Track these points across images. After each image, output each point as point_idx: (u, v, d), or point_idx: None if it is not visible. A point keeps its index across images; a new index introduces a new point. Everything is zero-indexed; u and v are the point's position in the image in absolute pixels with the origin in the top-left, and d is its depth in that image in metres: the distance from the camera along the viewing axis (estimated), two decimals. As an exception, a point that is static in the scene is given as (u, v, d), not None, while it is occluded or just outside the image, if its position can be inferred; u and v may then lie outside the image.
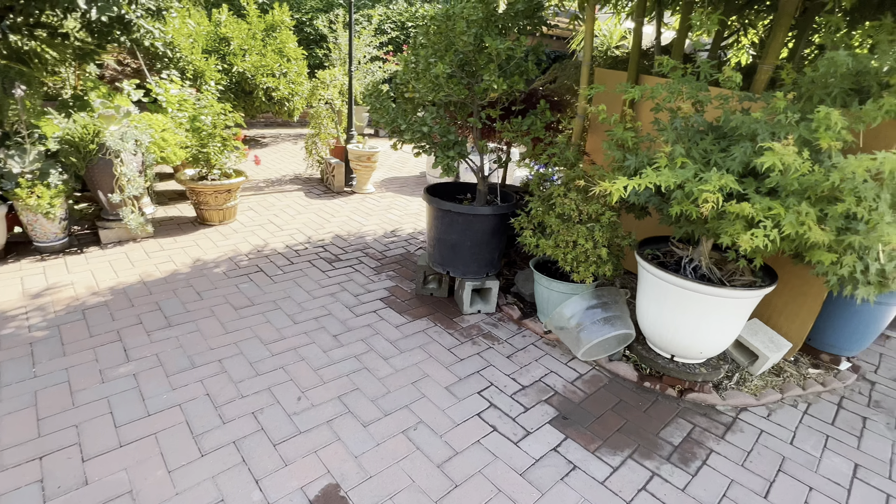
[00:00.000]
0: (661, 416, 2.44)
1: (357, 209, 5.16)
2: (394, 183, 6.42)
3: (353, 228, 4.58)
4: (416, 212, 5.25)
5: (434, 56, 2.51)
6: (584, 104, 3.18)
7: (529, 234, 2.84)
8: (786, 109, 1.81)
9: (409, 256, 4.06)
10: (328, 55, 9.18)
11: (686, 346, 2.50)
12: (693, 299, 2.34)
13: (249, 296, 3.20)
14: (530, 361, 2.78)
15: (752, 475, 2.12)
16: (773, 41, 2.69)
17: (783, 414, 2.54)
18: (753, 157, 1.93)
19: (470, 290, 3.13)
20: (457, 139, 2.72)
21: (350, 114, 5.70)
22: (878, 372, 3.02)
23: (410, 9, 10.78)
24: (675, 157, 2.04)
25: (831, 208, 1.73)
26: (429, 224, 3.18)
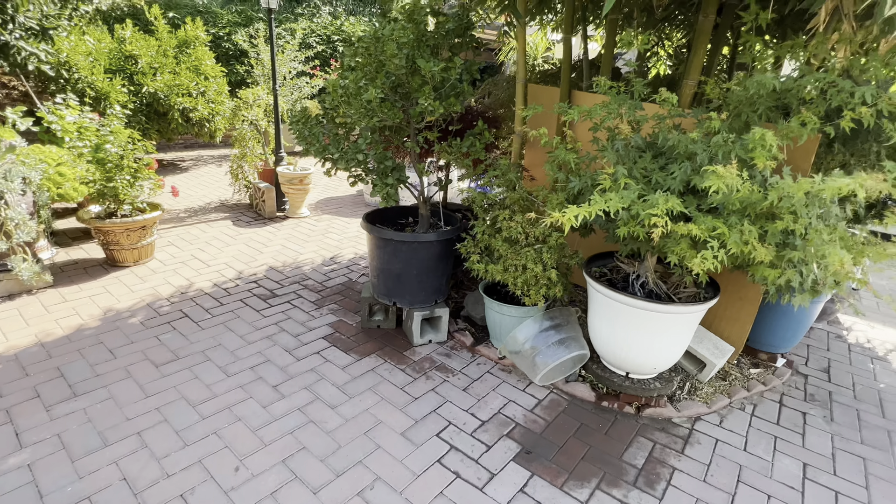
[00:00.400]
0: (621, 436, 2.41)
1: (292, 236, 4.86)
2: (330, 204, 6.15)
3: (288, 258, 4.29)
4: (356, 234, 5.03)
5: (365, 79, 2.35)
6: (521, 127, 3.15)
7: (476, 260, 2.74)
8: (721, 129, 1.84)
9: (351, 285, 3.84)
10: (250, 71, 8.70)
11: (640, 362, 2.50)
12: (645, 317, 2.34)
13: (173, 348, 2.85)
14: (488, 392, 2.67)
15: (715, 490, 2.12)
16: (694, 58, 2.79)
17: (733, 419, 2.60)
18: (693, 175, 1.94)
19: (419, 321, 2.98)
20: (395, 164, 2.57)
21: (278, 134, 5.38)
22: (809, 364, 3.20)
23: (336, 22, 10.53)
24: (618, 178, 2.01)
25: (770, 226, 1.77)
26: (370, 254, 3.00)
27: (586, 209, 1.73)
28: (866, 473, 2.29)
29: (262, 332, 3.07)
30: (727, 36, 3.37)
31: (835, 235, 1.70)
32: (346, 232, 5.09)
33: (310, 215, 5.57)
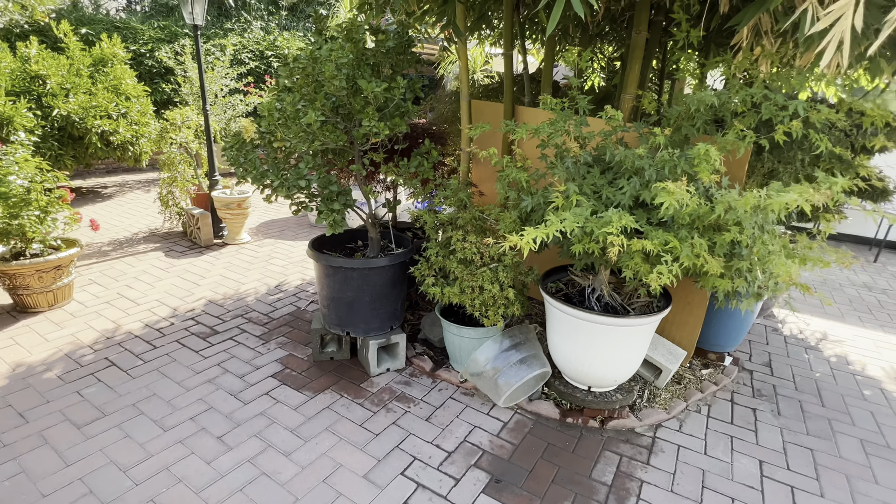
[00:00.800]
0: (588, 453, 2.39)
1: (232, 264, 4.56)
2: (272, 227, 5.86)
3: (229, 289, 4.00)
4: (303, 259, 4.80)
5: (303, 101, 2.22)
6: (470, 147, 3.11)
7: (431, 283, 2.65)
8: (666, 144, 1.87)
9: (300, 315, 3.63)
10: (178, 90, 8.22)
11: (601, 375, 2.50)
12: (604, 332, 2.34)
13: (98, 403, 2.55)
14: (451, 419, 2.57)
15: (682, 499, 2.14)
16: (630, 72, 2.87)
17: (692, 423, 2.65)
18: (642, 190, 1.96)
19: (375, 350, 2.84)
20: (340, 189, 2.44)
21: (210, 157, 5.06)
22: (752, 360, 3.35)
23: (268, 37, 10.19)
24: (569, 195, 2.00)
25: (718, 237, 1.81)
26: (319, 282, 2.83)
27: (543, 230, 1.70)
28: (815, 465, 2.39)
29: (202, 376, 2.81)
30: (656, 50, 3.53)
31: (777, 244, 1.76)
32: (292, 256, 4.85)
33: (251, 241, 5.26)
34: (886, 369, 3.33)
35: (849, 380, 3.18)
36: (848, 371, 3.29)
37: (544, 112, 3.08)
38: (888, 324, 4.07)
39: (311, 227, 5.88)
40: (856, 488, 2.26)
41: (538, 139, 2.30)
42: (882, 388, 3.11)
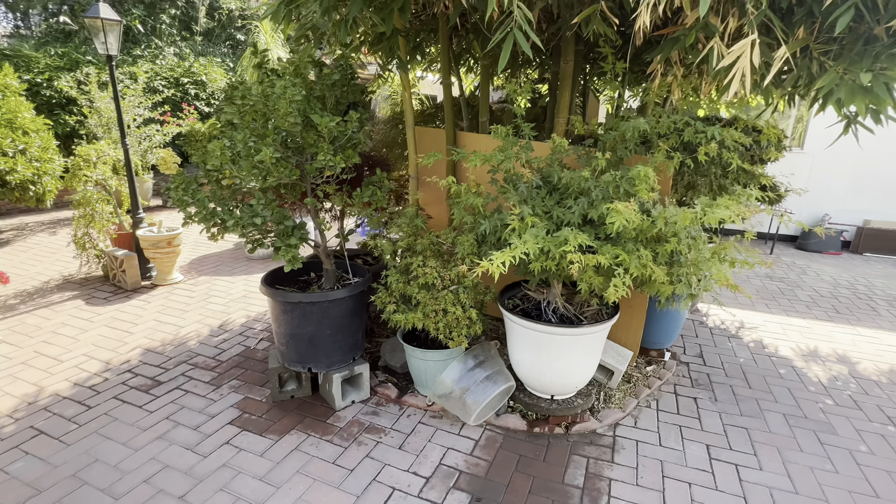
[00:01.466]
0: (558, 459, 2.51)
1: (166, 307, 4.25)
2: (206, 262, 5.54)
3: (167, 334, 3.73)
4: (244, 294, 4.59)
5: (253, 137, 2.18)
6: (427, 178, 3.20)
7: (393, 310, 2.67)
8: (608, 167, 2.06)
9: (250, 354, 3.47)
10: (83, 121, 7.59)
11: (564, 383, 2.64)
12: (563, 342, 2.48)
13: (30, 479, 2.27)
14: (424, 444, 2.58)
15: (648, 490, 2.31)
16: (561, 98, 3.12)
17: (645, 418, 2.87)
18: (589, 209, 2.14)
19: (339, 383, 2.80)
20: (295, 223, 2.41)
21: (133, 193, 4.72)
22: (686, 352, 3.69)
23: (183, 64, 9.72)
24: (524, 217, 2.14)
25: (660, 248, 2.01)
26: (276, 319, 2.75)
27: (510, 253, 1.80)
28: (752, 442, 2.68)
29: (151, 433, 2.60)
30: (579, 78, 3.85)
31: (708, 250, 2.00)
32: (231, 293, 4.62)
33: (183, 279, 4.94)
34: (794, 349, 3.81)
35: (766, 362, 3.59)
36: (764, 354, 3.72)
37: (485, 137, 3.25)
38: (790, 308, 4.64)
39: (248, 261, 5.64)
40: (786, 458, 2.56)
41: (488, 165, 2.43)
42: (793, 366, 3.55)
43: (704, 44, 2.10)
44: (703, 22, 1.96)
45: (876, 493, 2.34)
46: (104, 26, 4.21)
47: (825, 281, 5.48)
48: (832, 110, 2.25)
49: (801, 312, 4.56)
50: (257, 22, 11.18)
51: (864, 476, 2.44)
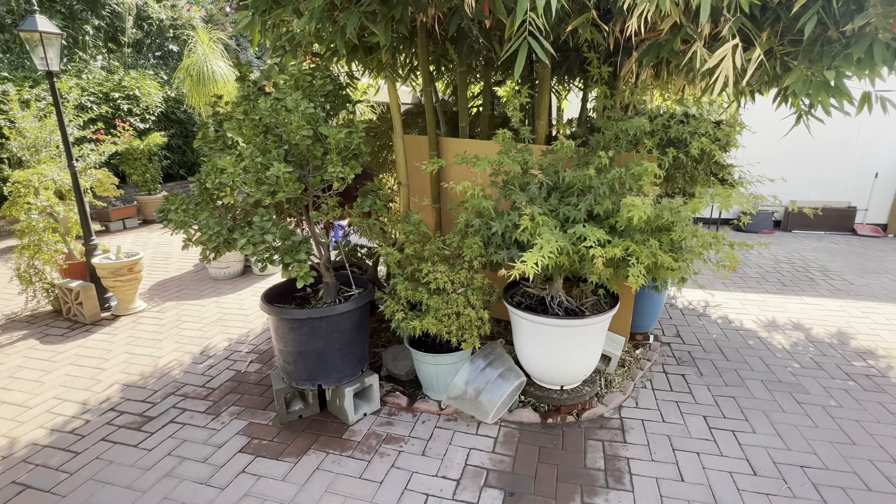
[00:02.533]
0: (575, 446, 2.61)
1: (136, 338, 3.97)
2: (168, 287, 5.21)
3: (145, 367, 3.49)
4: (219, 317, 4.37)
5: (259, 153, 2.11)
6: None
7: (402, 317, 2.68)
8: (611, 165, 2.20)
9: (242, 378, 3.32)
10: (4, 144, 6.90)
11: (573, 373, 2.76)
12: (572, 333, 2.60)
13: (27, 538, 2.06)
14: (446, 448, 2.60)
15: (664, 465, 2.46)
16: (541, 101, 3.26)
17: (644, 398, 3.05)
18: (595, 205, 2.27)
19: (352, 397, 2.75)
20: (301, 238, 2.36)
21: (85, 219, 4.37)
22: (665, 334, 3.95)
23: (112, 77, 9.07)
24: (534, 217, 2.23)
25: (664, 237, 2.17)
26: (281, 339, 2.66)
27: (538, 253, 1.88)
28: (741, 409, 2.93)
29: (156, 472, 2.44)
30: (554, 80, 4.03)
31: (708, 236, 2.19)
32: (205, 317, 4.39)
33: (147, 307, 4.63)
34: (755, 321, 4.18)
35: (735, 335, 3.92)
36: (732, 328, 4.05)
37: (468, 141, 3.33)
38: (744, 285, 5.08)
39: (214, 282, 5.37)
40: (773, 420, 2.81)
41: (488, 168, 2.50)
42: (758, 336, 3.89)
43: (684, 49, 2.29)
44: (684, 29, 2.14)
45: (852, 440, 2.63)
46: (43, 40, 3.88)
47: (767, 258, 6.04)
48: (768, 105, 2.52)
49: (754, 288, 5.00)
50: (190, 31, 10.66)
51: (840, 427, 2.74)
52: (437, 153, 3.50)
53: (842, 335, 3.90)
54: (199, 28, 9.48)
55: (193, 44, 9.58)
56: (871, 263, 5.78)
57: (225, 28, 11.09)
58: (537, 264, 1.85)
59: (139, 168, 8.55)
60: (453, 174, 3.49)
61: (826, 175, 7.32)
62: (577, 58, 3.32)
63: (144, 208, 8.72)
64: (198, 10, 10.57)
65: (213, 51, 9.59)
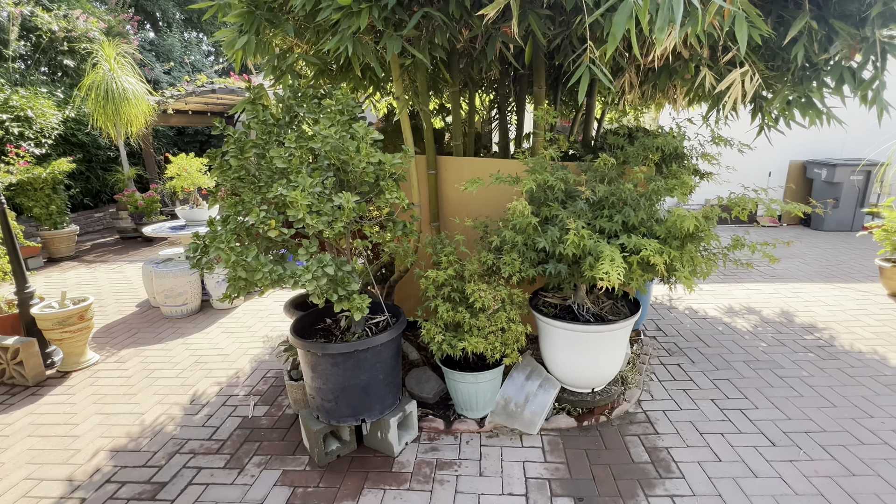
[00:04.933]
0: (616, 444, 2.76)
1: (102, 395, 3.47)
2: (116, 332, 4.60)
3: (130, 427, 3.06)
4: (195, 360, 3.96)
5: (319, 183, 1.99)
6: (419, 203, 3.19)
7: (441, 339, 2.65)
8: (647, 178, 2.39)
9: (253, 423, 3.05)
10: None
11: (605, 376, 2.92)
12: (605, 338, 2.76)
13: None
14: (500, 465, 2.61)
15: (699, 449, 2.69)
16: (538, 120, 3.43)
17: (655, 390, 3.30)
18: (632, 217, 2.45)
19: (396, 427, 2.66)
20: (353, 267, 2.26)
21: (17, 262, 3.73)
22: (648, 328, 4.29)
23: (-2, 96, 7.84)
24: (579, 231, 2.36)
25: (693, 243, 2.41)
26: (320, 376, 2.50)
27: (612, 265, 1.99)
28: (739, 389, 3.28)
29: (198, 543, 2.16)
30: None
31: (732, 240, 2.46)
32: (178, 363, 3.95)
33: (101, 359, 4.06)
34: (716, 309, 4.69)
35: (705, 323, 4.37)
36: (699, 318, 4.51)
37: (467, 160, 3.41)
38: (692, 277, 5.66)
39: (170, 322, 4.85)
40: (767, 395, 3.19)
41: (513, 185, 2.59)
42: (724, 322, 4.38)
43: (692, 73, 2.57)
44: (699, 58, 2.41)
45: (832, 403, 3.07)
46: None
47: (700, 251, 6.78)
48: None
49: (702, 279, 5.60)
50: (89, 45, 9.55)
51: (819, 394, 3.19)
52: (435, 171, 3.52)
53: (786, 314, 4.52)
54: (103, 41, 8.53)
55: (97, 58, 8.63)
56: (781, 250, 6.74)
57: (129, 41, 10.08)
58: (621, 276, 1.97)
59: (41, 199, 7.45)
60: (451, 192, 3.53)
61: (733, 176, 8.42)
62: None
63: (51, 245, 7.60)
64: (95, 22, 9.50)
65: (121, 66, 8.72)
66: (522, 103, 4.13)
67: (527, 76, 4.03)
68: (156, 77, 11.99)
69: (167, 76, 12.57)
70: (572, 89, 4.29)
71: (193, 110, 10.91)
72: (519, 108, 4.12)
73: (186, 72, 13.16)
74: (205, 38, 16.92)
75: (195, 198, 5.27)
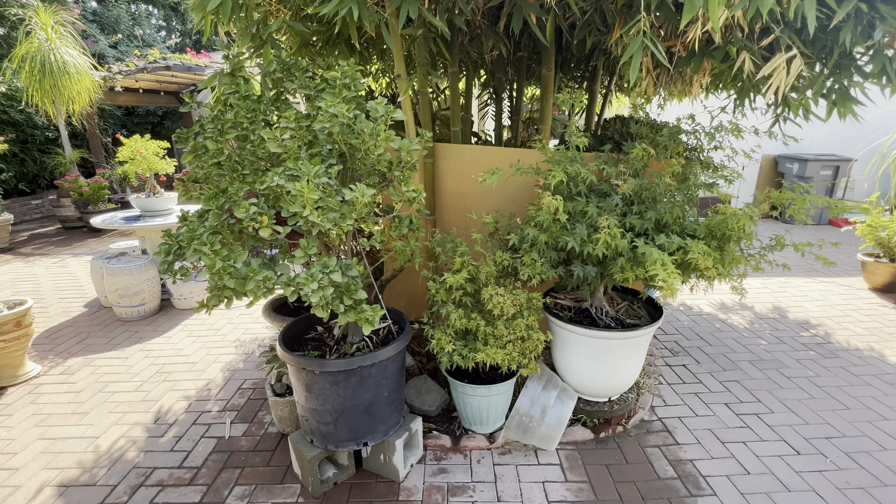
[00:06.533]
0: (637, 457, 2.57)
1: (47, 415, 2.98)
2: (61, 338, 4.05)
3: (82, 454, 2.62)
4: (156, 371, 3.50)
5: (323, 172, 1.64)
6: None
7: (451, 349, 2.36)
8: (687, 172, 2.17)
9: (231, 445, 2.67)
10: None
11: (625, 384, 2.71)
12: (632, 344, 2.55)
13: None
14: (518, 487, 2.37)
15: (724, 460, 2.53)
16: (546, 105, 3.16)
17: (666, 394, 3.14)
18: (666, 214, 2.22)
19: (402, 448, 2.36)
20: (359, 273, 1.92)
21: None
22: (646, 326, 4.15)
23: None
24: (612, 230, 2.11)
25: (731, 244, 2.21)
26: (316, 396, 2.16)
27: (665, 269, 1.76)
28: (749, 391, 3.17)
29: None
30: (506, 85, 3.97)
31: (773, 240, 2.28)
32: (136, 374, 3.48)
33: (44, 370, 3.53)
34: (708, 304, 4.62)
35: (702, 320, 4.28)
36: (695, 314, 4.42)
37: (468, 147, 3.12)
38: (680, 272, 5.60)
39: (126, 324, 4.32)
40: (779, 397, 3.09)
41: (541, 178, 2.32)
42: (720, 318, 4.30)
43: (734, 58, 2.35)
44: (740, 41, 2.19)
45: (845, 405, 3.00)
46: None
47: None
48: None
49: (689, 274, 5.55)
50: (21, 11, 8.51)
51: (829, 395, 3.11)
52: (432, 160, 3.20)
53: (778, 309, 4.49)
54: (38, 7, 7.60)
55: (31, 26, 7.73)
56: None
57: (69, 8, 9.08)
58: (678, 283, 1.73)
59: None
60: (449, 183, 3.22)
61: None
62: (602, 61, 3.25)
63: (-22, 237, 6.75)
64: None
65: (60, 36, 7.83)
66: (522, 87, 3.84)
67: (526, 59, 3.75)
68: (100, 51, 10.91)
69: (114, 50, 11.48)
70: (573, 73, 4.04)
71: (145, 89, 10.03)
72: (519, 92, 3.83)
73: (136, 46, 12.07)
74: (155, 12, 15.65)
75: (152, 185, 4.71)
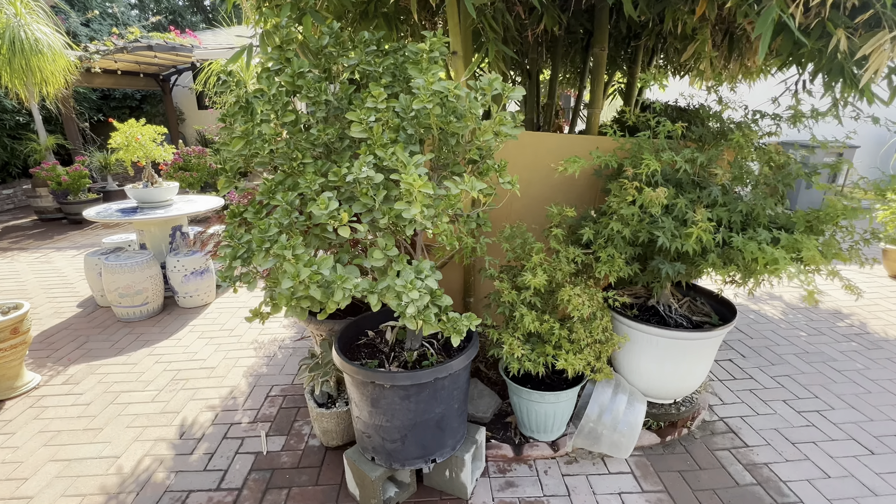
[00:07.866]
0: (709, 462, 2.43)
1: (56, 432, 2.68)
2: (59, 342, 3.70)
3: (104, 477, 2.34)
4: (172, 378, 3.21)
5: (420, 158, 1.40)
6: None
7: (520, 354, 2.16)
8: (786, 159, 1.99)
9: (272, 462, 2.43)
10: None
11: (695, 385, 2.57)
12: (707, 345, 2.39)
13: None
14: (594, 499, 2.20)
15: (802, 463, 2.41)
16: (596, 87, 2.95)
17: (721, 391, 3.01)
18: (756, 206, 2.05)
19: (471, 463, 2.16)
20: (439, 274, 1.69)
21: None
22: (680, 318, 4.03)
23: None
24: (706, 224, 1.93)
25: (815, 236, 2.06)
26: (383, 412, 1.94)
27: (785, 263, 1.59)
28: (803, 386, 3.07)
29: None
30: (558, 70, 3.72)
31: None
32: (150, 381, 3.18)
33: (44, 380, 3.20)
34: (740, 294, 4.52)
35: (734, 311, 4.17)
36: (726, 305, 4.31)
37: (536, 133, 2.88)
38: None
39: (129, 325, 3.99)
40: (835, 392, 3.00)
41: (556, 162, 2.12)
42: (752, 308, 4.21)
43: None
44: (840, 18, 2.01)
45: (903, 400, 2.93)
46: None
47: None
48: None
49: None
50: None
51: (885, 388, 3.04)
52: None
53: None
54: (5, -22, 6.97)
55: (-1, 1, 7.12)
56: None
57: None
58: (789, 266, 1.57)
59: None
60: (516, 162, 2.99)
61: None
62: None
63: (-51, 230, 6.21)
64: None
65: (31, 11, 7.24)
66: (557, 69, 3.61)
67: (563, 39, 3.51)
68: (73, 28, 10.18)
69: (86, 28, 10.73)
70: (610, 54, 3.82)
71: (123, 70, 9.42)
72: (554, 75, 3.60)
73: (111, 24, 11.30)
74: (127, -12, 14.71)
75: (150, 174, 4.33)
